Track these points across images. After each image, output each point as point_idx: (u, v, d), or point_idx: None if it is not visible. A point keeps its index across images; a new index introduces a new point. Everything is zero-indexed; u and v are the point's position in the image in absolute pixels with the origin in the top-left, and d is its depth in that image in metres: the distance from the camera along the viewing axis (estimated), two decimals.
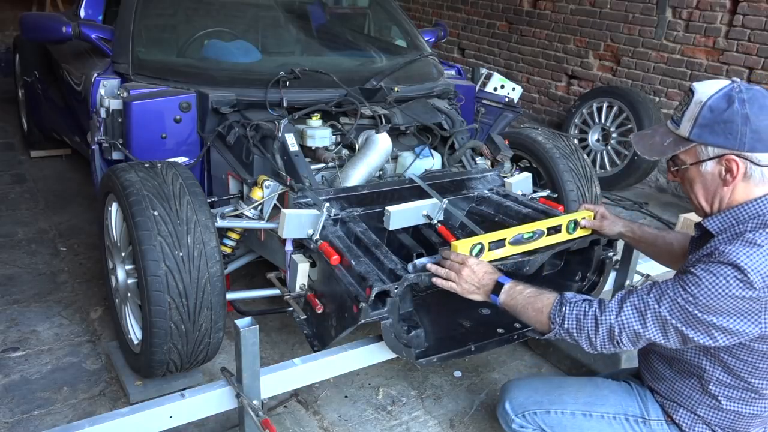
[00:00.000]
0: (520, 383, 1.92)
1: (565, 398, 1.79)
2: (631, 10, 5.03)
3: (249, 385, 1.82)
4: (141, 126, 2.62)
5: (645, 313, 1.48)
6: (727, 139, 1.45)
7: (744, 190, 1.49)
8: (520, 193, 2.64)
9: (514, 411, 1.83)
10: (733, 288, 1.38)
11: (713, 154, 1.48)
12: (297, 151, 2.42)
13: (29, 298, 2.92)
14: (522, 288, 1.70)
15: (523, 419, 1.81)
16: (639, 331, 1.49)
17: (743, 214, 1.49)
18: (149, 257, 1.91)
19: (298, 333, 2.73)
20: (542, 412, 1.78)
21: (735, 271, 1.38)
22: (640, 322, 1.49)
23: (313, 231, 2.10)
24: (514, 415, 1.82)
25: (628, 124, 4.65)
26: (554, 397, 1.80)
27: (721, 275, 1.39)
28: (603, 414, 1.74)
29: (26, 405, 2.25)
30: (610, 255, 2.31)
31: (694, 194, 1.57)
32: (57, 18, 3.09)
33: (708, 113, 1.47)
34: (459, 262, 1.79)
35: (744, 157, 1.45)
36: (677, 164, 1.58)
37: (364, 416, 2.32)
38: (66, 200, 4.01)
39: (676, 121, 1.55)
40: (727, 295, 1.38)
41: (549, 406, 1.78)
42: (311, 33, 3.69)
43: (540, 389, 1.85)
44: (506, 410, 1.84)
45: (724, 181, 1.50)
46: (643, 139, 1.66)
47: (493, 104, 4.11)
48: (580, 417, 1.75)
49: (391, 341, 1.90)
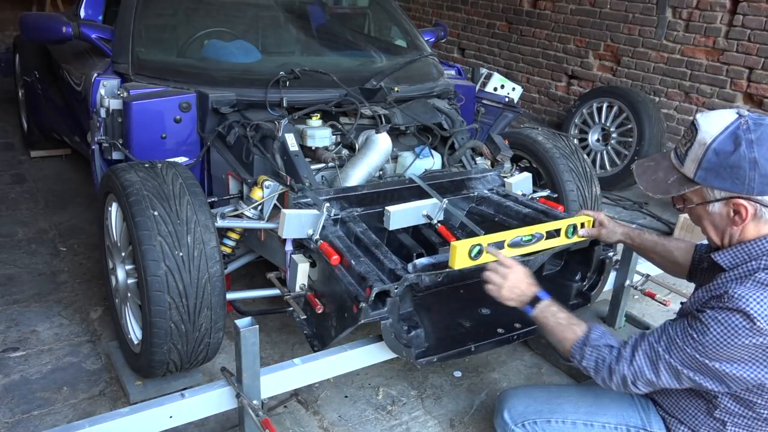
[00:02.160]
0: (518, 392, 1.89)
1: (566, 407, 1.76)
2: (631, 10, 5.03)
3: (249, 385, 1.82)
4: (141, 126, 2.62)
5: (657, 363, 1.48)
6: (734, 183, 1.39)
7: (755, 227, 1.45)
8: (520, 193, 2.64)
9: (513, 420, 1.79)
10: (742, 337, 1.35)
11: (720, 196, 1.43)
12: (297, 151, 2.42)
13: (29, 298, 2.92)
14: (556, 310, 1.68)
15: (523, 429, 1.78)
16: (653, 379, 1.49)
17: (756, 250, 1.44)
18: (149, 257, 1.91)
19: (298, 333, 2.73)
20: (542, 421, 1.76)
21: (744, 320, 1.34)
22: (653, 371, 1.49)
23: (313, 231, 2.10)
24: (514, 424, 1.79)
25: (628, 124, 4.65)
26: (554, 406, 1.77)
27: (730, 324, 1.35)
28: (604, 424, 1.72)
29: (26, 405, 2.25)
30: (610, 255, 2.32)
31: (704, 229, 1.54)
32: (57, 18, 3.09)
33: (713, 157, 1.40)
34: (507, 266, 1.76)
35: (753, 200, 1.40)
36: (684, 202, 1.54)
37: (364, 416, 2.32)
38: (66, 200, 4.01)
39: (680, 157, 1.49)
40: (737, 344, 1.35)
41: (549, 415, 1.75)
42: (311, 33, 3.69)
43: (539, 398, 1.82)
44: (505, 420, 1.81)
45: (733, 222, 1.45)
46: (646, 173, 1.59)
47: (493, 104, 4.11)
48: (581, 426, 1.73)
49: (391, 341, 1.90)
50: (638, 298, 3.18)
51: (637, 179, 1.61)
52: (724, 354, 1.38)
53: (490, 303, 2.30)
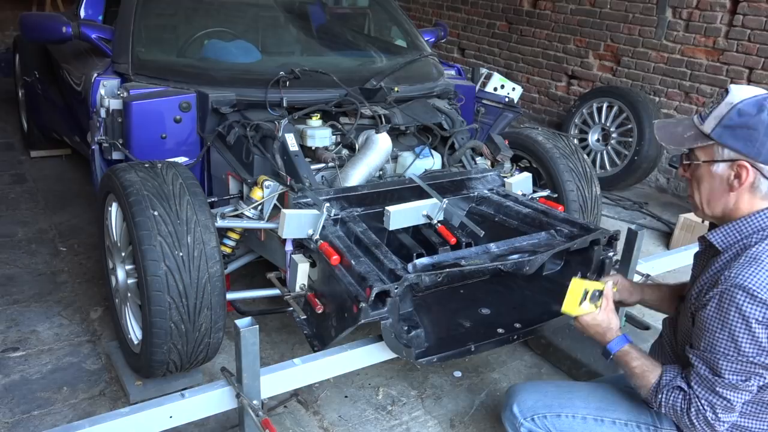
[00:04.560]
0: (528, 386, 1.88)
1: (576, 402, 1.75)
2: (631, 10, 5.03)
3: (249, 385, 1.82)
4: (141, 126, 2.62)
5: (716, 389, 1.46)
6: (746, 145, 1.43)
7: (748, 201, 1.48)
8: (520, 193, 2.64)
9: (522, 414, 1.78)
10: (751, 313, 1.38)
11: (727, 156, 1.47)
12: (297, 151, 2.42)
13: (29, 298, 2.92)
14: (637, 355, 1.66)
15: (533, 423, 1.76)
16: (727, 405, 1.47)
17: (747, 227, 1.48)
18: (149, 257, 1.91)
19: (298, 333, 2.73)
20: (552, 415, 1.74)
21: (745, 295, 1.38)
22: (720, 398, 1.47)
23: (313, 231, 2.10)
24: (523, 418, 1.77)
25: (628, 124, 4.64)
26: (565, 401, 1.76)
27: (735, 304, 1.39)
28: (615, 420, 1.71)
29: (26, 405, 2.25)
30: (610, 255, 2.31)
31: (699, 193, 1.56)
32: (57, 18, 3.08)
33: (736, 116, 1.44)
34: (607, 299, 1.74)
35: (756, 167, 1.44)
36: (691, 159, 1.56)
37: (364, 416, 2.32)
38: (66, 200, 4.01)
39: (702, 117, 1.53)
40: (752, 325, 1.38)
41: (560, 409, 1.74)
42: (311, 33, 3.69)
43: (550, 393, 1.81)
44: (514, 413, 1.79)
45: (730, 187, 1.48)
46: (666, 127, 1.62)
47: (493, 104, 4.10)
48: (592, 422, 1.72)
49: (391, 341, 1.90)
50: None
51: (656, 131, 1.63)
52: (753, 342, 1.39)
53: (490, 303, 2.31)
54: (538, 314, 2.26)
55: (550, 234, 2.26)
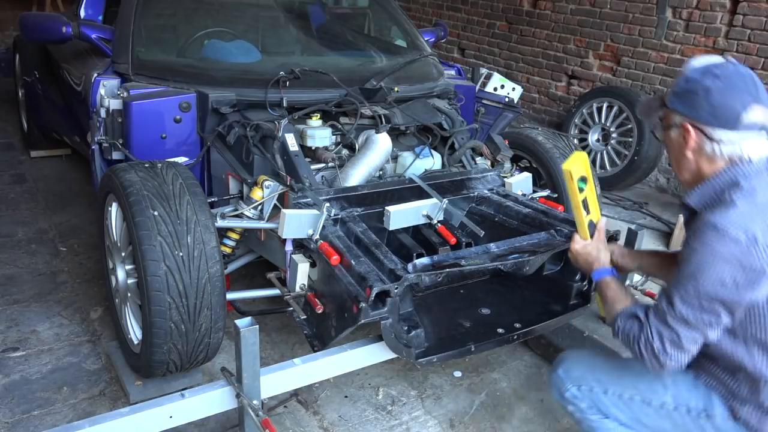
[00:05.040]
0: (581, 356, 1.86)
1: (625, 381, 1.72)
2: (631, 10, 5.03)
3: (249, 385, 1.82)
4: (141, 126, 2.62)
5: (668, 319, 1.49)
6: (688, 108, 1.51)
7: (709, 164, 1.53)
8: (520, 193, 2.64)
9: (570, 380, 1.77)
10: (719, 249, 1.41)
11: (677, 121, 1.55)
12: (297, 151, 2.42)
13: (29, 298, 2.92)
14: (615, 287, 1.75)
15: (578, 390, 1.75)
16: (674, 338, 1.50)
17: (717, 185, 1.52)
18: (149, 257, 1.91)
19: (298, 333, 2.73)
20: (599, 390, 1.73)
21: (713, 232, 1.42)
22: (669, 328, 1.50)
23: (313, 231, 2.10)
24: (570, 383, 1.77)
25: (628, 124, 4.64)
26: (614, 378, 1.74)
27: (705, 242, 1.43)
28: (662, 404, 1.67)
29: (26, 405, 2.25)
30: None
31: (672, 161, 1.65)
32: (57, 18, 3.08)
33: (683, 83, 1.53)
34: (599, 233, 1.88)
35: (698, 128, 1.50)
36: (656, 128, 1.67)
37: (364, 416, 2.32)
38: (66, 200, 4.01)
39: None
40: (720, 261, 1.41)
41: (607, 386, 1.73)
42: (311, 33, 3.69)
43: (599, 368, 1.79)
44: (560, 377, 1.79)
45: (682, 149, 1.56)
46: (645, 103, 1.70)
47: (493, 104, 4.10)
48: (638, 403, 1.69)
49: (391, 341, 1.90)
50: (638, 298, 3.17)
51: (637, 109, 1.73)
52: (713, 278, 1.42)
53: (490, 303, 2.31)
54: (538, 314, 2.26)
55: (550, 234, 2.26)
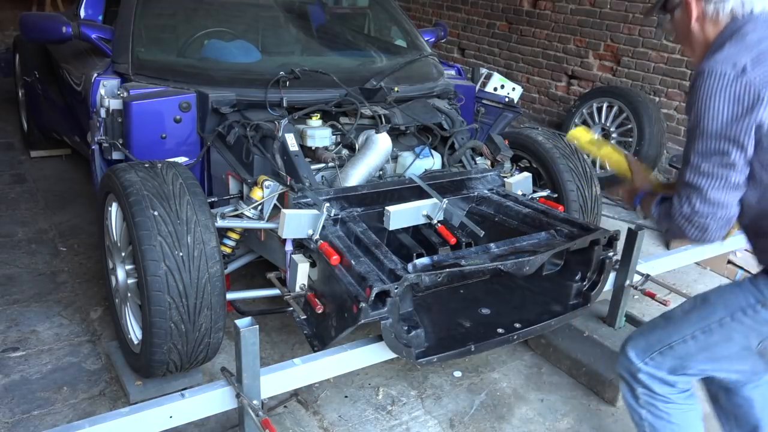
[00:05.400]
0: (637, 331, 1.88)
1: (680, 325, 1.74)
2: (631, 10, 5.03)
3: (249, 385, 1.82)
4: (141, 126, 2.62)
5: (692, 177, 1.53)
6: None
7: (714, 27, 1.60)
8: (520, 193, 2.64)
9: (639, 358, 1.78)
10: (712, 87, 1.46)
11: (676, 2, 1.65)
12: (297, 151, 2.42)
13: (29, 298, 2.92)
14: (650, 197, 1.79)
15: (652, 363, 1.76)
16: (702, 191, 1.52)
17: (721, 39, 1.57)
18: (149, 257, 1.91)
19: (298, 333, 2.73)
20: (665, 348, 1.74)
21: (704, 75, 1.47)
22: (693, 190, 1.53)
23: (313, 231, 2.10)
24: (641, 362, 1.77)
25: (628, 124, 4.64)
26: (670, 330, 1.75)
27: (698, 87, 1.49)
28: (719, 321, 1.66)
29: (26, 405, 2.25)
30: (610, 255, 2.31)
31: (684, 45, 1.72)
32: (57, 18, 3.08)
33: None
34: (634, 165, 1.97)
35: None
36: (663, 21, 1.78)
37: (364, 416, 2.32)
38: (66, 200, 4.01)
39: None
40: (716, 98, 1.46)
41: (668, 339, 1.74)
42: (311, 33, 3.69)
43: (655, 329, 1.81)
44: (630, 359, 1.80)
45: (689, 23, 1.63)
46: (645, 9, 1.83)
47: (493, 104, 4.10)
48: (701, 336, 1.69)
49: (391, 341, 1.90)
50: (638, 298, 3.18)
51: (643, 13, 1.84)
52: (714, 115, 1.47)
53: (490, 303, 2.31)
54: (538, 314, 2.26)
55: (550, 234, 2.26)
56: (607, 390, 2.47)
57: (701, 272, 3.64)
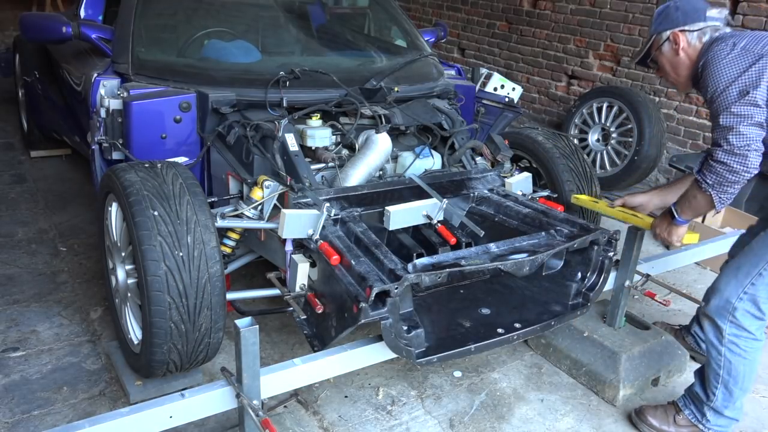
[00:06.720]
0: (718, 280, 2.11)
1: (750, 264, 2.01)
2: (631, 10, 5.03)
3: (249, 385, 1.82)
4: (141, 126, 2.62)
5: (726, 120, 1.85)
6: (668, 22, 2.08)
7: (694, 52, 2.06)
8: (520, 193, 2.64)
9: (735, 295, 2.02)
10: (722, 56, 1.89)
11: (664, 36, 2.09)
12: (297, 151, 2.42)
13: (29, 298, 2.92)
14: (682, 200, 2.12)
15: (746, 298, 2.01)
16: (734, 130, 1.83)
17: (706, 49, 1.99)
18: (149, 257, 1.91)
19: (298, 333, 2.73)
20: (756, 276, 1.99)
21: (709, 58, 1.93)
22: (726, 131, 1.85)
23: (313, 231, 2.10)
24: (737, 300, 2.02)
25: (628, 124, 4.64)
26: (753, 259, 2.01)
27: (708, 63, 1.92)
28: None
29: (26, 405, 2.25)
30: (610, 255, 2.32)
31: (672, 75, 2.15)
32: (57, 18, 3.08)
33: (657, 14, 2.13)
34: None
35: (680, 30, 2.06)
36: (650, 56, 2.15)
37: (364, 416, 2.32)
38: (66, 200, 4.01)
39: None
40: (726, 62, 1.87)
41: (756, 268, 2.00)
42: (311, 33, 3.69)
43: (742, 263, 2.04)
44: (726, 299, 2.04)
45: (676, 53, 2.08)
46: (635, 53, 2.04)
47: (493, 104, 4.10)
48: None
49: (391, 341, 1.90)
50: (638, 298, 3.18)
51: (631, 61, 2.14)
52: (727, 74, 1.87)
53: (490, 303, 2.31)
54: (538, 314, 2.26)
55: (550, 234, 2.26)
56: (607, 390, 2.47)
57: (701, 272, 3.64)
